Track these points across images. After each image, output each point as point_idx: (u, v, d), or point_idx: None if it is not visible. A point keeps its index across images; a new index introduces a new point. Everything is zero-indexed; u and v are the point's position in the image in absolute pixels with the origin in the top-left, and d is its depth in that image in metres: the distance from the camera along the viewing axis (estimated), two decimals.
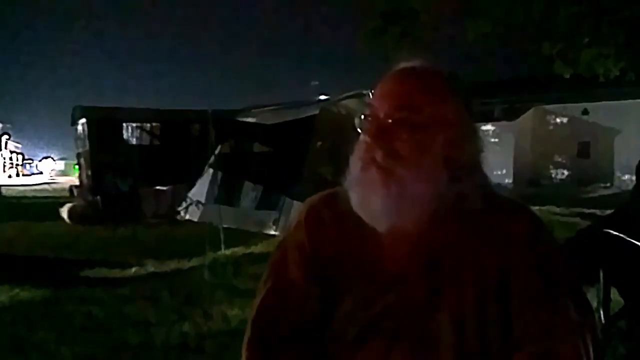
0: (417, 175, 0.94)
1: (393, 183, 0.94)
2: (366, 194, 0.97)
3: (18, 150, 54.45)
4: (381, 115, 0.98)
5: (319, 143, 9.76)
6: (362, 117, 1.01)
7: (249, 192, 9.89)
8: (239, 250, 7.36)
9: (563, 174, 23.09)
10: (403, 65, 1.03)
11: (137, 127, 13.40)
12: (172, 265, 6.55)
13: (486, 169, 1.04)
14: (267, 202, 9.41)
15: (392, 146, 0.95)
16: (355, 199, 1.00)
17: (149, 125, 13.50)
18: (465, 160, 0.98)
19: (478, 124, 1.05)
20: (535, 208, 1.09)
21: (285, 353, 1.03)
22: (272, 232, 8.75)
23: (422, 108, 0.96)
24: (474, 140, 1.01)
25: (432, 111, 0.96)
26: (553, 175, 23.24)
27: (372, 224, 0.99)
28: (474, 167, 1.00)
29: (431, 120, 0.96)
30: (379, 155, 0.95)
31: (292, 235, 1.13)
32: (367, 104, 1.03)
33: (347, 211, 1.02)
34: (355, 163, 1.00)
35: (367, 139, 0.98)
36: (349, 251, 1.05)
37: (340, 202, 1.04)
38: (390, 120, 0.96)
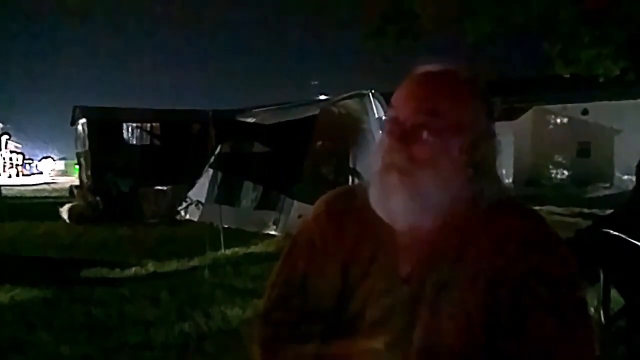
0: (435, 178, 0.96)
1: (412, 185, 0.96)
2: (385, 193, 0.99)
3: (18, 150, 54.45)
4: (401, 118, 0.99)
5: (319, 143, 9.76)
6: (383, 119, 1.03)
7: (249, 192, 9.89)
8: (239, 250, 7.36)
9: (563, 174, 23.08)
10: (423, 67, 1.04)
11: (137, 127, 13.38)
12: (172, 265, 6.55)
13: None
14: (267, 202, 9.41)
15: (412, 149, 0.97)
16: (374, 196, 1.02)
17: (149, 125, 13.48)
18: (483, 162, 1.00)
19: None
20: (535, 208, 1.10)
21: (293, 342, 1.05)
22: (272, 232, 8.76)
23: (442, 112, 0.97)
24: (492, 142, 1.03)
25: (452, 115, 0.97)
26: (553, 175, 23.23)
27: (389, 222, 1.01)
28: (490, 169, 1.02)
29: (451, 124, 0.97)
30: (398, 158, 0.97)
31: (305, 229, 1.15)
32: (388, 106, 1.04)
33: (364, 208, 1.03)
34: (375, 163, 1.02)
35: (388, 141, 0.99)
36: (364, 248, 1.06)
37: (358, 198, 1.06)
38: (410, 124, 0.97)
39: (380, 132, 1.03)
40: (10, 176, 41.99)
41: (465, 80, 1.02)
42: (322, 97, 12.93)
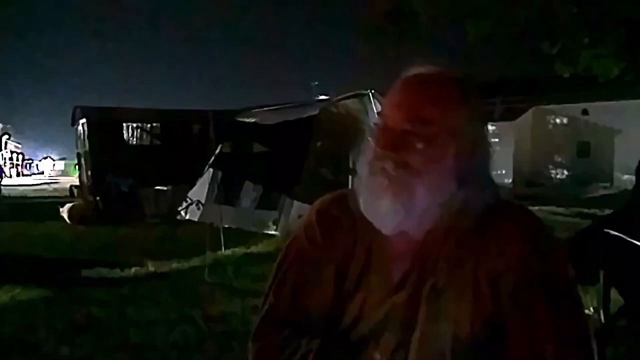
0: (425, 185, 0.94)
1: (401, 191, 0.94)
2: (374, 199, 0.97)
3: (18, 150, 54.47)
4: (390, 124, 0.97)
5: (319, 143, 9.76)
6: (372, 124, 1.00)
7: (249, 192, 9.89)
8: (239, 250, 7.37)
9: (563, 174, 23.07)
10: (414, 71, 1.02)
11: (137, 127, 13.40)
12: (172, 265, 6.56)
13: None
14: (267, 202, 9.42)
15: (401, 156, 0.95)
16: (363, 202, 1.00)
17: (149, 125, 13.50)
18: (474, 166, 0.98)
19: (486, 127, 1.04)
20: (535, 208, 1.09)
21: (288, 357, 1.03)
22: (272, 232, 8.76)
23: (432, 119, 0.95)
24: (484, 146, 1.01)
25: (443, 122, 0.95)
26: (553, 175, 23.22)
27: (378, 226, 0.99)
28: (482, 173, 1.00)
29: (442, 130, 0.95)
30: (388, 165, 0.95)
31: (299, 236, 1.13)
32: (378, 113, 1.02)
33: (356, 214, 1.02)
34: (363, 167, 1.00)
35: (377, 148, 0.97)
36: (357, 255, 1.05)
37: (351, 203, 1.04)
38: (399, 131, 0.95)
39: (369, 138, 1.01)
40: (10, 176, 41.98)
41: (454, 84, 0.99)
42: (322, 97, 12.94)
